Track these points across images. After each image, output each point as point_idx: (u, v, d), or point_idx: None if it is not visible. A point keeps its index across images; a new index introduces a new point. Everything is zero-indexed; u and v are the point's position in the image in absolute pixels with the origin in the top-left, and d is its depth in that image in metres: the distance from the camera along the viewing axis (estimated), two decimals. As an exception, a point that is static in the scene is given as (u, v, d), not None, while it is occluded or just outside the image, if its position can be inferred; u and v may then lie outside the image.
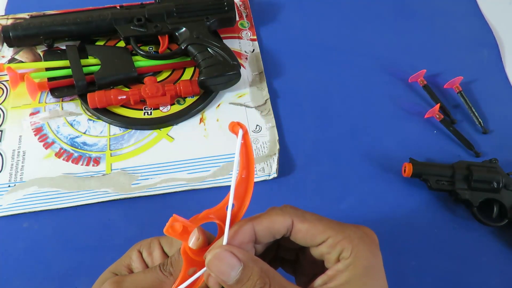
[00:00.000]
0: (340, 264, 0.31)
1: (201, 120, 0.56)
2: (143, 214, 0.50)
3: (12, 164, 0.52)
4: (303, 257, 0.35)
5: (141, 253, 0.36)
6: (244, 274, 0.29)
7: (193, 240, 0.32)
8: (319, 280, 0.31)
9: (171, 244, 0.35)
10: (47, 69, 0.57)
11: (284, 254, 0.37)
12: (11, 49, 0.60)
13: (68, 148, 0.53)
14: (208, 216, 0.31)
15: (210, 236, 0.33)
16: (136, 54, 0.59)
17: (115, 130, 0.55)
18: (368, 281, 0.30)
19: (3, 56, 0.60)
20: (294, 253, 0.36)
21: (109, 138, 0.54)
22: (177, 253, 0.33)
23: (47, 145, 0.53)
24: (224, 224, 0.31)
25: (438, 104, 0.57)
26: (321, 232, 0.32)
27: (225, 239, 0.30)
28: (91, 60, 0.57)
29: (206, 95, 0.57)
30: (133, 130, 0.55)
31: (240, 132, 0.30)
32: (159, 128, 0.55)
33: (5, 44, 0.58)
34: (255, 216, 0.33)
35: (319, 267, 0.33)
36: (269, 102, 0.58)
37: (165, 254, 0.35)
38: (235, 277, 0.29)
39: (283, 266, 0.38)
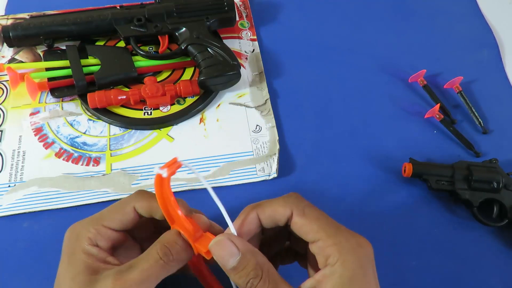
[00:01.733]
0: (327, 269, 0.31)
1: (201, 120, 0.56)
2: (143, 214, 0.50)
3: (12, 164, 0.52)
4: (309, 252, 0.36)
5: (96, 245, 0.35)
6: (241, 263, 0.31)
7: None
8: (307, 283, 0.32)
9: (119, 221, 0.36)
10: (47, 69, 0.57)
11: (296, 246, 0.38)
12: (11, 49, 0.60)
13: (68, 148, 0.53)
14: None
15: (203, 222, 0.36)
16: (136, 54, 0.59)
17: (115, 130, 0.55)
18: None
19: (3, 56, 0.60)
20: (304, 247, 0.37)
21: (109, 138, 0.54)
22: (177, 239, 0.34)
23: (47, 145, 0.53)
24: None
25: (438, 104, 0.57)
26: (314, 231, 0.33)
27: (231, 228, 0.33)
28: (91, 60, 0.57)
29: (206, 95, 0.57)
30: (133, 130, 0.55)
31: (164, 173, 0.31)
32: (159, 128, 0.55)
33: (5, 44, 0.58)
34: (260, 203, 0.35)
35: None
36: (269, 102, 0.58)
37: (118, 232, 0.36)
38: (232, 264, 0.31)
39: (298, 260, 0.39)
